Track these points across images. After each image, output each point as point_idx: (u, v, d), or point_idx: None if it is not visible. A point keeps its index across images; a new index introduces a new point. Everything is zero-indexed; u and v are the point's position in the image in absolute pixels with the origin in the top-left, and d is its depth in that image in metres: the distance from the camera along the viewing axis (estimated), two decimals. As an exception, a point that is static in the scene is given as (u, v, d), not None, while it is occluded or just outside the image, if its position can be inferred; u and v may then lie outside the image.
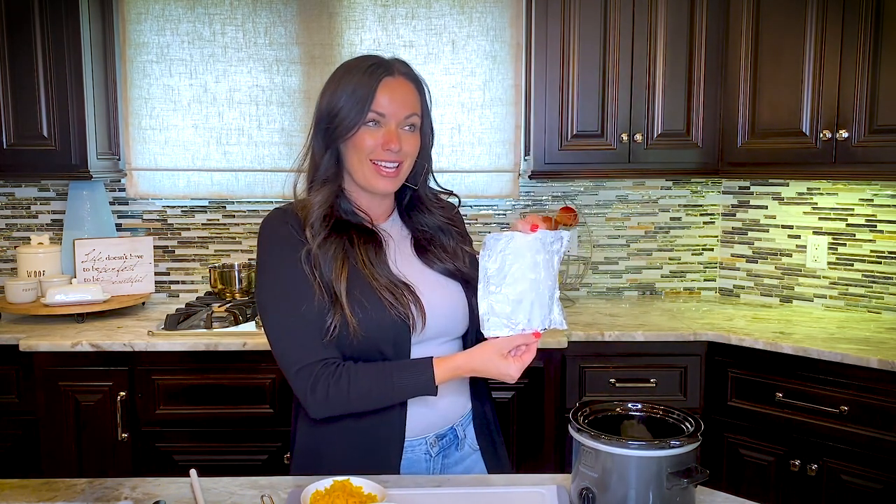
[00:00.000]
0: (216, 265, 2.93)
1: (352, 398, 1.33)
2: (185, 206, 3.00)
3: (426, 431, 1.44)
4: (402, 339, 1.37)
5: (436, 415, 1.44)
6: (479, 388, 1.53)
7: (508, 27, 2.91)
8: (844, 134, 2.39)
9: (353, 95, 1.37)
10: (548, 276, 1.25)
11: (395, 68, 1.40)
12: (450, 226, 1.53)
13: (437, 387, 1.32)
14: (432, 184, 1.55)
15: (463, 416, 1.49)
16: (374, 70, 1.38)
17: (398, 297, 1.37)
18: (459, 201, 1.62)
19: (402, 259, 1.45)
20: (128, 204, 2.99)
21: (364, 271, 1.37)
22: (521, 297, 1.24)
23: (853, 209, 2.74)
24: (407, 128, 1.40)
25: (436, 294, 1.43)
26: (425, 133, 1.46)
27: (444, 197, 1.58)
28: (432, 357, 1.33)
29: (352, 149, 1.39)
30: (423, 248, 1.49)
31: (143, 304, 2.86)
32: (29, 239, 2.83)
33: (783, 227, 2.91)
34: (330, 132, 1.40)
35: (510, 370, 1.28)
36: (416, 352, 1.39)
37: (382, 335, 1.36)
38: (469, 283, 1.45)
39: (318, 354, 1.35)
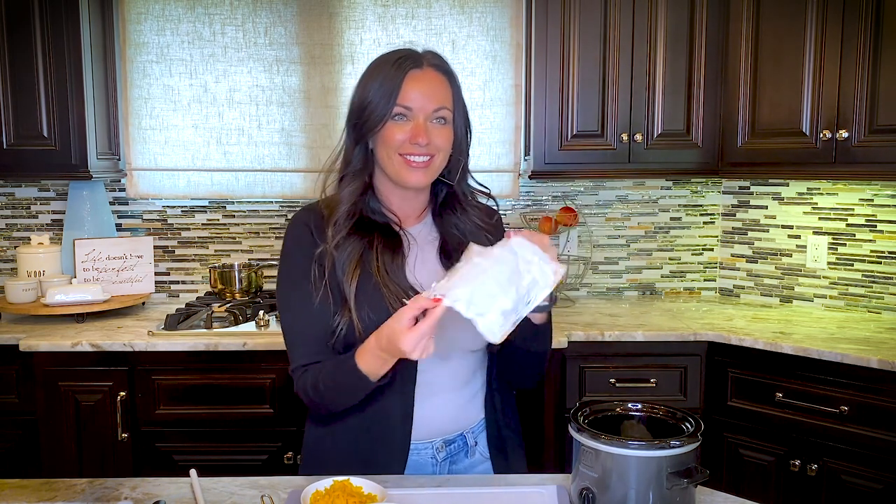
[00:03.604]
0: (216, 265, 2.94)
1: (324, 394, 1.34)
2: (185, 206, 3.00)
3: (433, 436, 1.42)
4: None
5: (444, 419, 1.42)
6: (495, 397, 1.48)
7: (508, 27, 2.91)
8: (844, 134, 2.39)
9: (380, 89, 1.35)
10: (505, 281, 1.14)
11: (424, 60, 1.37)
12: (483, 230, 1.45)
13: (366, 374, 1.26)
14: (472, 182, 1.48)
15: (475, 424, 1.46)
16: (402, 63, 1.35)
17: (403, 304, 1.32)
18: (496, 203, 1.55)
19: (422, 265, 1.42)
20: (128, 204, 2.99)
21: (377, 276, 1.35)
22: (460, 274, 1.16)
23: (853, 209, 2.74)
24: (436, 121, 1.37)
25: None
26: (458, 126, 1.41)
27: (482, 200, 1.51)
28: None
29: (381, 143, 1.37)
30: (449, 253, 1.42)
31: (143, 304, 2.86)
32: (29, 239, 2.83)
33: (783, 227, 2.91)
34: (359, 126, 1.39)
35: (404, 344, 1.16)
36: (428, 363, 1.35)
37: None
38: None
39: (313, 357, 1.36)
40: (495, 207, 1.54)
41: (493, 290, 1.14)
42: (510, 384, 1.52)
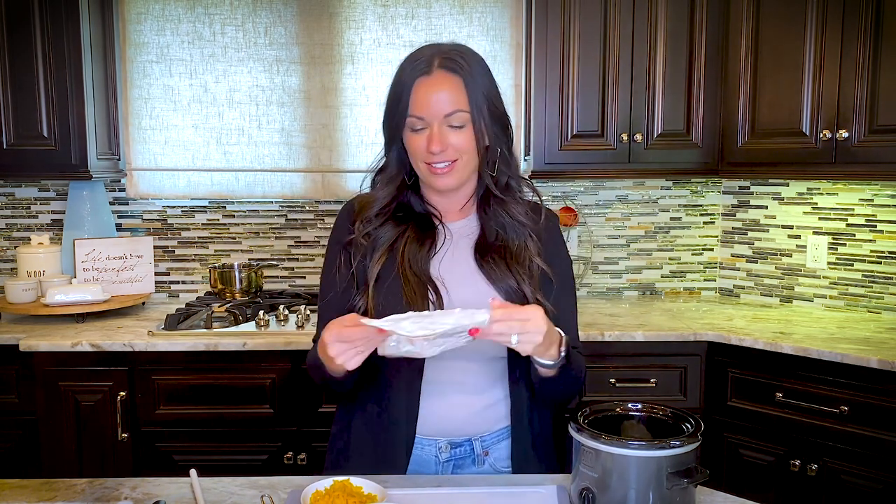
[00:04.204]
0: (216, 265, 2.94)
1: (310, 370, 1.39)
2: (185, 206, 3.00)
3: (438, 434, 1.41)
4: None
5: (451, 421, 1.40)
6: (525, 415, 1.42)
7: (508, 27, 2.91)
8: (844, 134, 2.39)
9: (394, 97, 1.36)
10: (440, 333, 1.15)
11: (434, 64, 1.33)
12: (526, 227, 1.40)
13: (323, 363, 1.26)
14: (517, 176, 1.43)
15: (489, 434, 1.42)
16: (412, 70, 1.34)
17: (420, 294, 1.33)
18: (540, 198, 1.49)
19: (453, 259, 1.40)
20: (128, 204, 2.99)
21: (400, 266, 1.36)
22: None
23: (853, 209, 2.74)
24: (454, 125, 1.33)
25: (470, 304, 1.29)
26: (481, 123, 1.35)
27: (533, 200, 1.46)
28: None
29: (408, 149, 1.39)
30: (484, 249, 1.39)
31: (143, 304, 2.86)
32: (29, 239, 2.83)
33: (783, 227, 2.91)
34: (387, 130, 1.40)
35: (329, 349, 1.19)
36: (442, 363, 1.34)
37: None
38: (522, 299, 1.34)
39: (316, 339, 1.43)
40: (551, 211, 1.48)
41: (428, 326, 1.15)
42: (544, 403, 1.46)
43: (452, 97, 1.33)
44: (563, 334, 1.28)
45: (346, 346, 1.18)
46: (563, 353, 1.26)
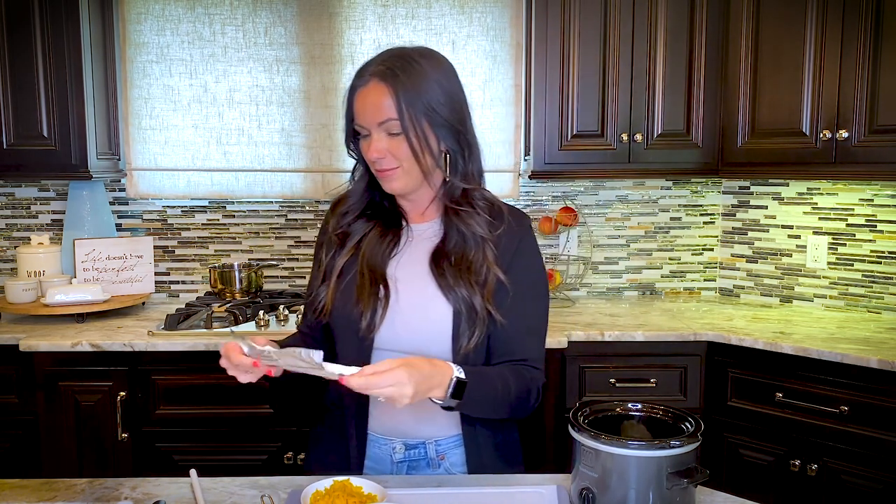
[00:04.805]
0: (216, 265, 2.94)
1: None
2: (185, 206, 3.00)
3: (392, 434, 1.42)
4: (357, 337, 1.38)
5: (401, 421, 1.40)
6: (475, 421, 1.41)
7: (508, 27, 2.91)
8: (844, 134, 2.39)
9: (346, 105, 1.39)
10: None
11: (368, 73, 1.34)
12: (486, 239, 1.38)
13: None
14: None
15: (444, 438, 1.42)
16: (355, 79, 1.36)
17: (371, 292, 1.36)
18: (524, 220, 1.47)
19: (410, 260, 1.42)
20: (128, 204, 2.99)
21: (361, 260, 1.41)
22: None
23: (853, 209, 2.74)
24: (394, 132, 1.33)
25: (416, 306, 1.37)
26: (416, 131, 1.32)
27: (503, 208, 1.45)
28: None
29: None
30: (440, 256, 1.39)
31: (143, 304, 2.85)
32: (29, 239, 2.83)
33: (783, 227, 2.91)
34: (345, 135, 1.43)
35: (222, 362, 1.28)
36: (378, 360, 1.32)
37: (343, 325, 1.41)
38: (470, 309, 1.34)
39: (302, 328, 1.53)
40: (513, 219, 1.44)
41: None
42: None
43: (383, 106, 1.32)
44: (452, 374, 1.23)
45: (230, 366, 1.26)
46: (449, 393, 1.22)
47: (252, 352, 1.24)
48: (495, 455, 1.44)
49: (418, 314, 1.37)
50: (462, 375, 1.24)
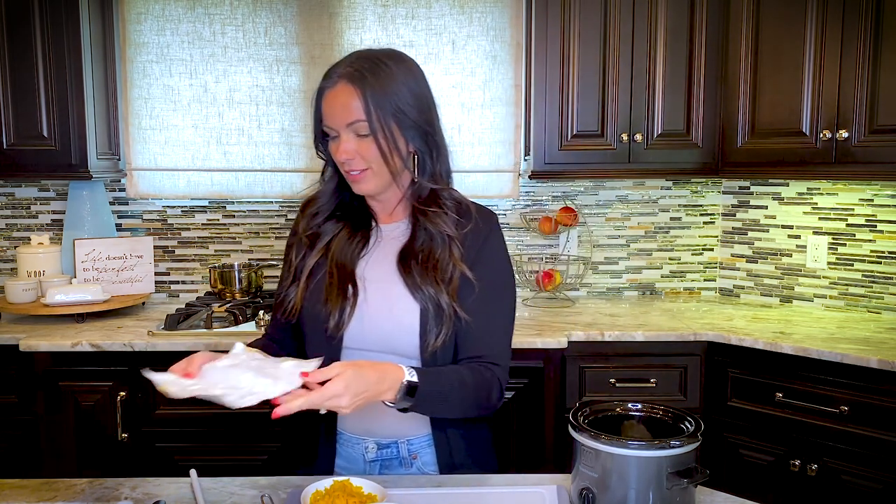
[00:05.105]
0: (216, 265, 2.94)
1: None
2: (185, 206, 3.00)
3: (364, 433, 1.43)
4: (326, 336, 1.38)
5: (372, 420, 1.41)
6: (445, 421, 1.42)
7: (508, 27, 2.91)
8: (844, 134, 2.39)
9: (314, 106, 1.38)
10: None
11: (336, 75, 1.33)
12: (450, 238, 1.39)
13: None
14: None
15: (415, 438, 1.43)
16: (324, 81, 1.35)
17: (339, 292, 1.37)
18: (491, 218, 1.46)
19: (378, 260, 1.43)
20: (128, 204, 2.99)
21: (330, 260, 1.42)
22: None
23: (853, 209, 2.74)
24: (362, 133, 1.33)
25: (384, 305, 1.38)
26: (385, 132, 1.32)
27: (470, 206, 1.45)
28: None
29: None
30: (407, 255, 1.40)
31: (143, 304, 2.85)
32: (29, 239, 2.83)
33: (783, 227, 2.91)
34: (314, 136, 1.43)
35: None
36: (347, 358, 1.37)
37: (312, 325, 1.41)
38: (437, 307, 1.35)
39: (270, 330, 1.55)
40: (480, 218, 1.44)
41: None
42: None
43: (351, 107, 1.31)
44: (403, 378, 1.23)
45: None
46: (400, 396, 1.23)
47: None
48: (466, 454, 1.44)
49: (386, 313, 1.38)
50: (414, 378, 1.24)
